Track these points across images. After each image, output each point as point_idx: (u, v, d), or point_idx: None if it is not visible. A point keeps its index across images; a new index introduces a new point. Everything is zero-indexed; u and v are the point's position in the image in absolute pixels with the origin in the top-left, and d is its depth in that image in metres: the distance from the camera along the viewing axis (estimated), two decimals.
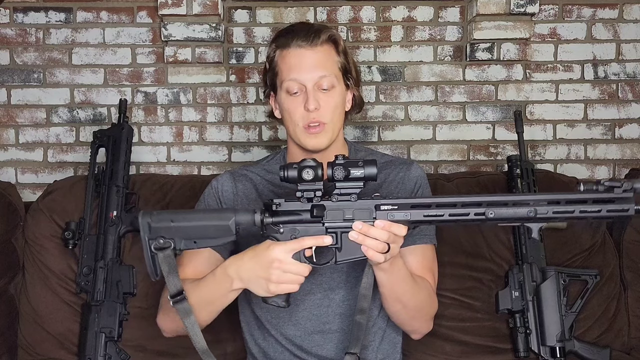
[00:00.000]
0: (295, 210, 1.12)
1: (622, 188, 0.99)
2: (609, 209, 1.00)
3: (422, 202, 1.09)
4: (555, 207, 1.02)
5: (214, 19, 2.10)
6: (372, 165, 1.09)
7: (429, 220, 1.08)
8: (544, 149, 2.19)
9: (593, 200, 1.01)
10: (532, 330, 1.63)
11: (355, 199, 1.11)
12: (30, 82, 2.16)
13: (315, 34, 1.30)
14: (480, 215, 1.04)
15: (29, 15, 2.15)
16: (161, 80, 2.17)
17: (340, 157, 1.11)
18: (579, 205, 1.01)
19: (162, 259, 1.12)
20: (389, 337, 1.41)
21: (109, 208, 1.69)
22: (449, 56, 2.19)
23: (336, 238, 1.12)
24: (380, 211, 1.09)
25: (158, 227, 1.13)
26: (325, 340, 1.35)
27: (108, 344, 1.60)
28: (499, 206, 1.04)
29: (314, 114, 1.29)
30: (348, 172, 1.09)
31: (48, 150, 2.17)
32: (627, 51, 2.18)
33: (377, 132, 2.19)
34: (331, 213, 1.11)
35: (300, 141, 1.33)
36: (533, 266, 1.66)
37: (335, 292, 1.34)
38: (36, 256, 1.71)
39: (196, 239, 1.13)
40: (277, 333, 1.37)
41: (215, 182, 1.43)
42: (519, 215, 1.04)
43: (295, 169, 1.10)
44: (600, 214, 1.01)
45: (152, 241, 1.12)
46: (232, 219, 1.12)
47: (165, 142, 2.18)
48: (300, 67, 1.29)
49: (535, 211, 1.02)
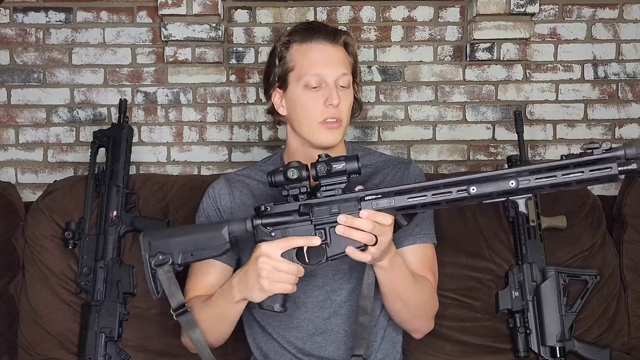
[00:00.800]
0: (284, 212, 1.14)
1: (601, 149, 0.99)
2: (591, 169, 0.99)
3: (405, 188, 1.09)
4: (537, 175, 1.01)
5: (214, 19, 2.10)
6: (352, 160, 1.12)
7: (413, 205, 1.07)
8: (544, 149, 2.20)
9: (574, 164, 1.00)
10: (532, 330, 1.63)
11: (340, 193, 1.12)
12: (30, 82, 2.16)
13: (337, 33, 1.33)
14: (463, 192, 1.04)
15: (29, 15, 2.15)
16: (161, 80, 2.17)
17: (322, 155, 1.13)
18: (560, 171, 1.01)
19: (162, 275, 1.16)
20: (390, 336, 1.40)
21: (109, 208, 1.69)
22: (449, 56, 2.19)
23: (325, 234, 1.13)
24: (365, 201, 1.10)
25: (157, 244, 1.17)
26: (327, 341, 1.34)
27: (108, 344, 1.60)
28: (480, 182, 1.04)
29: (334, 110, 1.29)
30: (330, 166, 1.11)
31: (48, 150, 2.17)
32: (627, 51, 2.18)
33: (377, 132, 2.19)
34: (318, 210, 1.12)
35: (315, 137, 1.32)
36: (533, 266, 1.66)
37: (336, 293, 1.34)
38: (36, 256, 1.71)
39: (192, 252, 1.16)
40: (279, 336, 1.36)
41: (212, 190, 1.42)
42: (502, 189, 1.03)
43: (280, 172, 1.13)
44: (584, 177, 0.99)
45: (152, 258, 1.16)
46: (224, 228, 1.16)
47: (165, 142, 2.18)
48: (325, 63, 1.30)
49: (517, 182, 1.02)
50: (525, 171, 1.03)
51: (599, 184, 1.02)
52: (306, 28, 1.34)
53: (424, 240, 1.36)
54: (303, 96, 1.31)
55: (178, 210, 1.74)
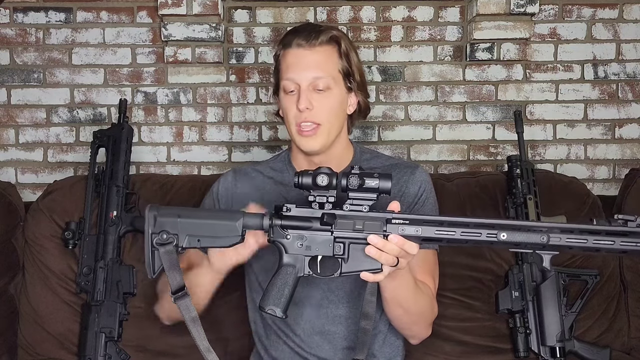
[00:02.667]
0: (306, 217, 1.10)
1: (636, 222, 1.01)
2: (622, 242, 1.01)
3: (434, 219, 1.08)
4: (568, 235, 1.02)
5: (214, 19, 2.10)
6: (387, 179, 1.07)
7: (439, 238, 1.06)
8: (544, 149, 2.20)
9: (606, 232, 1.02)
10: (532, 330, 1.63)
11: (367, 209, 1.09)
12: (30, 82, 2.16)
13: (315, 34, 1.31)
14: (492, 237, 1.04)
15: (29, 15, 2.15)
16: (161, 80, 2.17)
17: (356, 167, 1.10)
18: (592, 236, 1.02)
19: (163, 254, 1.08)
20: (390, 340, 1.41)
21: (109, 208, 1.69)
22: (449, 56, 2.19)
23: (343, 248, 1.10)
24: (392, 225, 1.08)
25: (163, 222, 1.09)
26: (324, 341, 1.35)
27: (108, 344, 1.60)
28: (511, 230, 1.04)
29: (306, 114, 1.29)
30: (363, 181, 1.07)
31: (48, 150, 2.17)
32: (627, 51, 2.18)
33: (377, 132, 2.19)
34: (341, 222, 1.09)
35: (295, 142, 1.35)
36: (533, 266, 1.66)
37: (334, 293, 1.35)
38: (36, 256, 1.71)
39: (200, 237, 1.10)
40: (280, 332, 1.37)
41: (217, 185, 1.45)
42: (532, 241, 1.03)
43: (310, 175, 1.09)
44: (614, 247, 1.01)
45: (155, 235, 1.09)
46: (239, 220, 1.11)
47: (165, 142, 2.18)
48: (296, 67, 1.30)
49: (548, 238, 1.02)
50: (557, 229, 1.03)
51: (625, 256, 1.06)
52: (290, 32, 1.35)
53: (426, 247, 1.35)
54: (283, 101, 1.34)
55: None
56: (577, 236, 1.02)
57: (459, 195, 1.75)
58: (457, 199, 1.74)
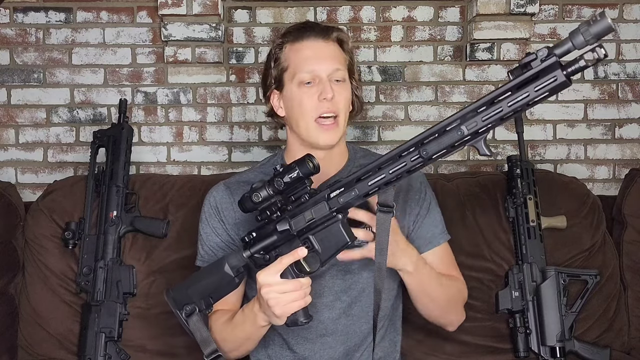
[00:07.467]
0: (266, 234, 1.14)
1: (538, 58, 0.87)
2: (536, 87, 0.87)
3: (363, 171, 1.07)
4: (482, 114, 0.94)
5: (214, 19, 2.10)
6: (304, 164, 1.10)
7: (375, 186, 1.06)
8: (544, 149, 2.20)
9: (517, 86, 0.90)
10: (532, 330, 1.63)
11: (307, 198, 1.11)
12: (30, 82, 2.16)
13: (327, 29, 1.33)
14: (417, 159, 1.02)
15: (29, 15, 2.15)
16: (161, 80, 2.17)
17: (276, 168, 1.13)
18: (505, 100, 0.91)
19: (192, 325, 1.17)
20: (389, 336, 1.41)
21: (109, 208, 1.69)
22: (449, 56, 2.19)
23: (310, 242, 1.12)
24: (332, 200, 1.09)
25: (180, 298, 1.18)
26: (324, 342, 1.34)
27: (108, 344, 1.60)
28: (429, 142, 1.00)
29: (328, 104, 1.28)
30: (283, 177, 1.11)
31: (48, 150, 2.17)
32: (627, 51, 2.18)
33: (377, 132, 2.19)
34: (294, 222, 1.11)
35: (312, 137, 1.31)
36: (533, 266, 1.66)
37: (346, 293, 1.34)
38: (36, 256, 1.71)
39: (211, 294, 1.18)
40: (277, 334, 1.37)
41: (212, 198, 1.39)
42: (454, 140, 0.98)
43: (247, 198, 1.13)
44: (530, 97, 0.89)
45: (181, 312, 1.18)
46: (225, 266, 1.16)
47: (165, 142, 2.18)
48: (317, 58, 1.30)
49: (466, 128, 0.95)
50: (468, 113, 0.96)
51: (553, 96, 0.93)
52: (298, 28, 1.35)
53: (440, 242, 1.39)
54: (298, 93, 1.31)
55: (178, 210, 1.74)
56: (491, 109, 0.93)
57: (459, 195, 1.76)
58: (457, 199, 1.75)
